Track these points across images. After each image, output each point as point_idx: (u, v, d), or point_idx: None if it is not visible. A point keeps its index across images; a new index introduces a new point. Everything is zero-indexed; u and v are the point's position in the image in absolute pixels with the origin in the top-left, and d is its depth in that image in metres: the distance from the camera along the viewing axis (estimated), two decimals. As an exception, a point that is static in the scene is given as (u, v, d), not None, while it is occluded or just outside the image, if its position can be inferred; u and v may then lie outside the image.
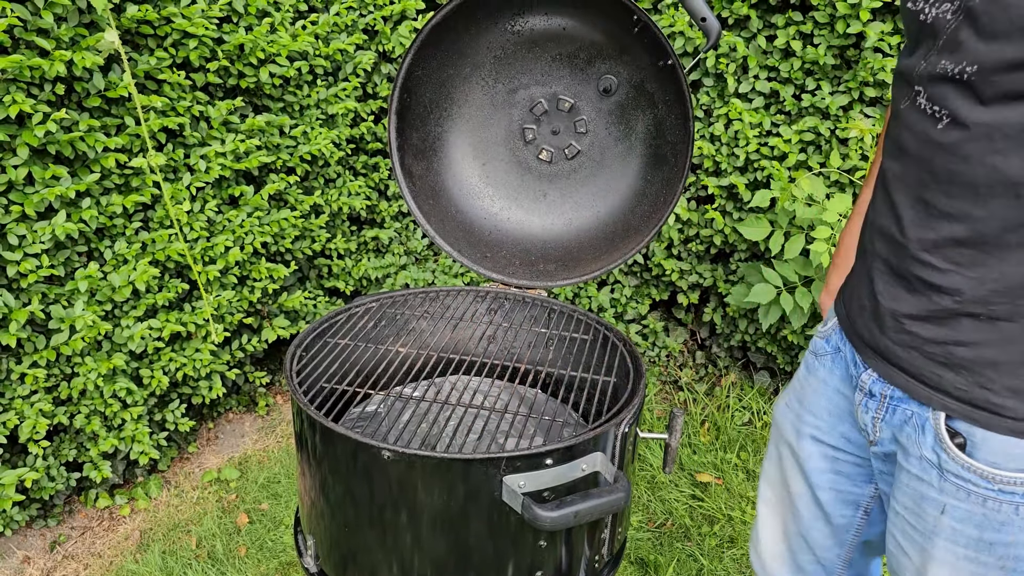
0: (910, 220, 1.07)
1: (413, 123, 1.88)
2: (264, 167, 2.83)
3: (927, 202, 1.04)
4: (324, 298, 3.28)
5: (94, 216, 2.28)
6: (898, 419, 1.16)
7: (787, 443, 1.42)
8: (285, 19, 2.70)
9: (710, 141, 2.99)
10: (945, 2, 0.97)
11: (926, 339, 1.08)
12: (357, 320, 1.69)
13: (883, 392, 1.18)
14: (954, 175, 0.99)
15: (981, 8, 0.92)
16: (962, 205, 0.99)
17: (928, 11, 1.01)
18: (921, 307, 1.08)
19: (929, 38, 1.01)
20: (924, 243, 1.05)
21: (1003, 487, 1.04)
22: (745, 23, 2.85)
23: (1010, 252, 0.97)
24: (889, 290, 1.12)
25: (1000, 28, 0.90)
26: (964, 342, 1.04)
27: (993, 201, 0.96)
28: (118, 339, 2.47)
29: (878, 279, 1.15)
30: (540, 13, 1.80)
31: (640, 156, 1.87)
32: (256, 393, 3.32)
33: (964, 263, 1.01)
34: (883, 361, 1.16)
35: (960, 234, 1.01)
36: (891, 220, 1.11)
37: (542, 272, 1.88)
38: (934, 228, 1.04)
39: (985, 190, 0.96)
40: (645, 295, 3.40)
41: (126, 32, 2.30)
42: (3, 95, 2.01)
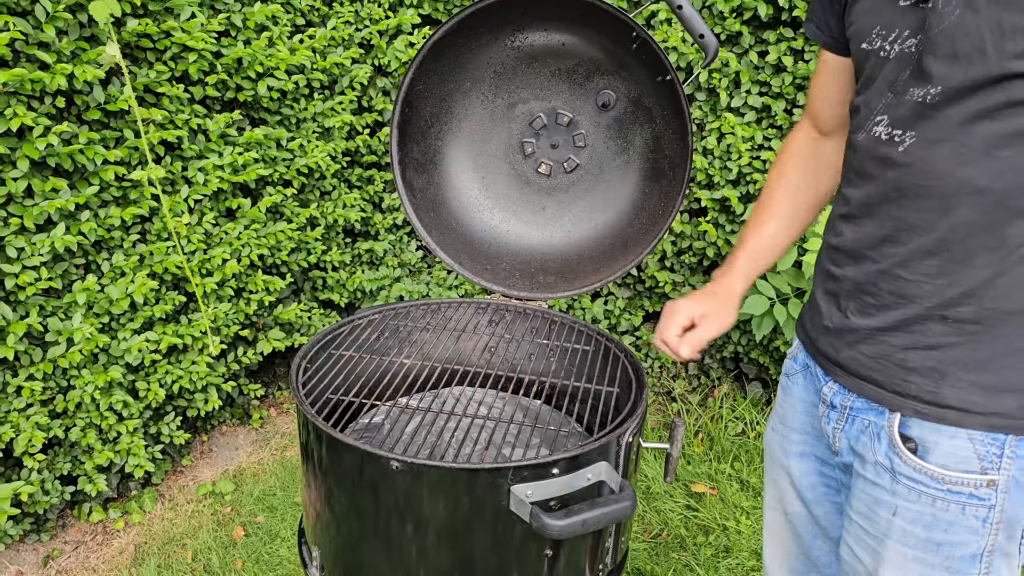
0: (880, 239, 1.15)
1: (414, 136, 1.90)
2: (261, 180, 2.84)
3: (895, 218, 1.13)
4: (319, 310, 3.28)
5: (93, 228, 2.28)
6: (856, 429, 1.23)
7: (780, 465, 1.46)
8: (283, 33, 2.72)
9: (703, 154, 3.02)
10: (908, 38, 1.08)
11: (897, 347, 1.15)
12: (360, 332, 1.70)
13: (844, 403, 1.25)
14: (923, 190, 1.08)
15: (943, 35, 1.02)
16: (931, 217, 1.08)
17: (888, 48, 1.11)
18: (891, 319, 1.15)
19: (892, 71, 1.11)
20: (895, 258, 1.13)
21: (951, 487, 1.11)
22: (737, 39, 2.89)
23: (975, 256, 1.06)
24: (859, 308, 1.20)
25: (961, 51, 1.00)
26: (934, 346, 1.12)
27: (959, 209, 1.05)
28: (115, 351, 2.47)
29: (845, 300, 1.23)
30: (540, 29, 1.82)
31: (638, 170, 1.90)
32: (250, 406, 3.32)
33: (932, 272, 1.10)
34: (850, 375, 1.23)
35: (929, 245, 1.09)
36: (860, 243, 1.19)
37: (542, 284, 1.90)
38: (904, 243, 1.12)
39: (953, 200, 1.05)
40: (638, 307, 3.42)
41: (126, 46, 2.31)
42: (4, 108, 2.02)
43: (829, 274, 1.28)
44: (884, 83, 1.13)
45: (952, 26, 1.01)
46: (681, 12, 1.69)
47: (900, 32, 1.10)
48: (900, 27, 1.10)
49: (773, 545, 1.54)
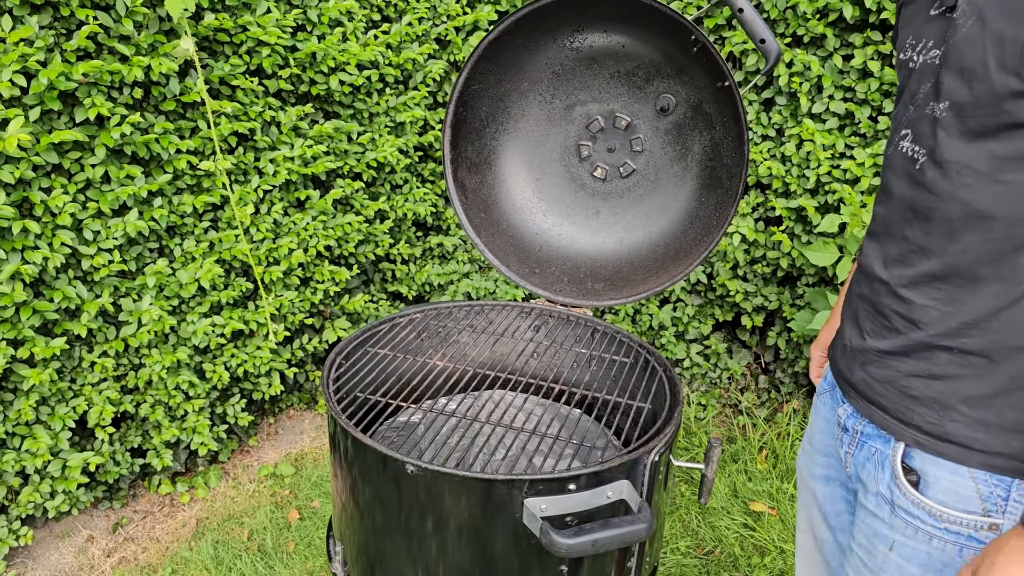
0: (892, 258, 1.13)
1: (468, 136, 1.89)
2: (331, 172, 2.89)
3: (907, 239, 1.09)
4: (386, 302, 3.33)
5: (165, 215, 2.37)
6: (863, 456, 1.20)
7: (808, 488, 1.43)
8: (357, 29, 2.76)
9: (780, 161, 2.91)
10: (932, 49, 1.04)
11: (903, 373, 1.12)
12: (400, 331, 1.71)
13: (855, 427, 1.23)
14: (931, 211, 1.05)
15: (955, 48, 0.99)
16: (939, 240, 1.05)
17: (916, 58, 1.08)
18: (899, 343, 1.12)
19: (916, 83, 1.08)
20: (903, 279, 1.10)
21: (949, 526, 1.07)
22: (821, 42, 2.77)
23: (982, 285, 1.02)
24: (872, 328, 1.17)
25: (967, 65, 0.97)
26: (938, 376, 1.08)
27: (966, 235, 1.01)
28: (183, 333, 2.56)
29: (862, 319, 1.20)
30: (599, 30, 1.78)
31: (695, 177, 1.84)
32: (316, 392, 3.39)
33: (940, 297, 1.06)
34: (861, 398, 1.20)
35: (936, 269, 1.06)
36: (875, 260, 1.17)
37: (590, 291, 1.87)
38: (913, 264, 1.09)
39: (959, 224, 1.02)
40: (708, 315, 3.33)
41: (203, 39, 2.38)
42: (84, 98, 2.11)
43: (852, 292, 1.25)
44: (908, 95, 1.10)
45: (963, 38, 0.97)
46: (742, 15, 1.63)
47: (927, 42, 1.06)
48: (927, 36, 1.06)
49: (804, 569, 1.50)
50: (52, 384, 2.31)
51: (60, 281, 2.24)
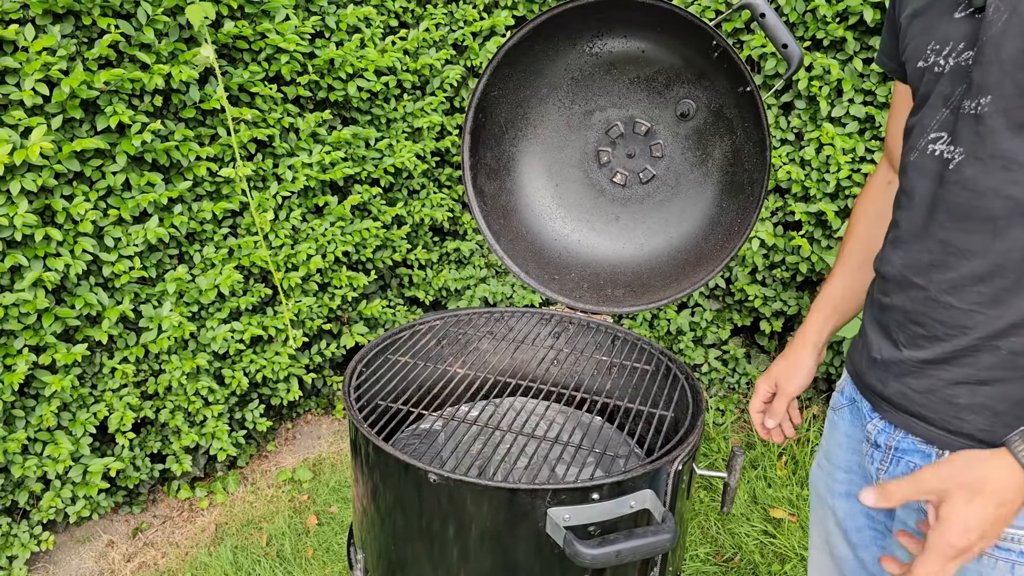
0: (928, 263, 1.09)
1: (487, 142, 1.88)
2: (349, 178, 2.90)
3: (945, 242, 1.06)
4: (403, 307, 3.33)
5: (185, 221, 2.38)
6: (900, 471, 1.16)
7: (826, 504, 1.41)
8: (375, 35, 2.76)
9: (800, 165, 2.89)
10: (964, 51, 1.02)
11: (948, 382, 1.08)
12: (420, 338, 1.70)
13: (888, 443, 1.19)
14: (972, 211, 1.02)
15: (990, 43, 0.97)
16: (982, 240, 1.02)
17: (943, 63, 1.06)
18: (942, 350, 1.08)
19: (947, 87, 1.06)
20: (943, 284, 1.07)
21: (1000, 543, 1.03)
22: (841, 45, 2.75)
23: None
24: (907, 339, 1.13)
25: (1007, 57, 0.95)
26: (986, 380, 1.04)
27: (1012, 232, 0.99)
28: (203, 339, 2.57)
29: (894, 329, 1.16)
30: (619, 36, 1.77)
31: (716, 183, 1.82)
32: (335, 397, 3.40)
33: (984, 300, 1.03)
34: (898, 411, 1.16)
35: (980, 270, 1.03)
36: (906, 268, 1.13)
37: (609, 297, 1.86)
38: (953, 268, 1.05)
39: (1004, 222, 0.99)
40: (727, 320, 3.31)
41: (222, 47, 2.40)
42: (106, 106, 2.13)
43: (878, 304, 1.22)
44: (938, 99, 1.07)
45: (1000, 32, 0.96)
46: (764, 20, 1.62)
47: (955, 45, 1.04)
48: (955, 39, 1.04)
49: None
50: (73, 390, 2.33)
51: (81, 288, 2.25)
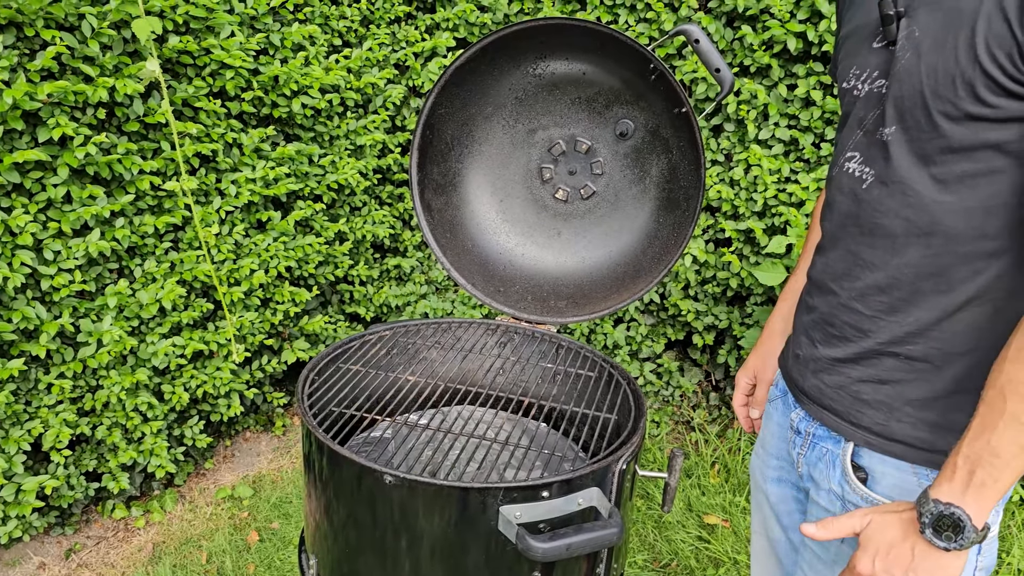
0: (841, 271, 1.21)
1: (434, 159, 1.94)
2: (292, 194, 2.92)
3: (855, 254, 1.18)
4: (344, 323, 3.34)
5: (127, 235, 2.37)
6: (815, 456, 1.28)
7: (760, 490, 1.51)
8: (320, 53, 2.80)
9: (729, 185, 3.03)
10: (878, 78, 1.13)
11: (853, 379, 1.20)
12: (370, 347, 1.74)
13: (807, 429, 1.30)
14: (876, 228, 1.13)
15: (896, 78, 1.08)
16: (883, 255, 1.13)
17: (860, 87, 1.17)
18: (849, 351, 1.20)
19: (863, 110, 1.16)
20: (852, 292, 1.19)
21: None
22: (767, 72, 2.90)
23: (923, 297, 1.10)
24: (823, 338, 1.25)
25: (907, 94, 1.06)
26: (887, 380, 1.16)
27: (908, 250, 1.10)
28: (143, 354, 2.55)
29: (813, 330, 1.28)
30: (561, 58, 1.86)
31: (653, 199, 1.92)
32: (274, 413, 3.38)
33: (885, 308, 1.14)
34: (813, 403, 1.28)
35: (881, 281, 1.14)
36: (824, 274, 1.25)
37: (553, 308, 1.93)
38: (860, 278, 1.17)
39: (902, 240, 1.10)
40: (661, 334, 3.42)
41: (167, 61, 2.40)
42: (48, 118, 2.11)
43: (804, 304, 1.34)
44: (855, 121, 1.18)
45: (902, 69, 1.06)
46: (699, 46, 1.72)
47: (871, 72, 1.15)
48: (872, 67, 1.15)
49: (758, 570, 1.57)
50: (7, 407, 2.28)
51: (18, 301, 2.22)
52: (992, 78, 0.97)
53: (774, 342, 1.57)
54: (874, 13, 1.15)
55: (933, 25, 1.03)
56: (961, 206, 1.04)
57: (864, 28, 1.19)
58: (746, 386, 1.62)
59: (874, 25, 1.15)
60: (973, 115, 1.00)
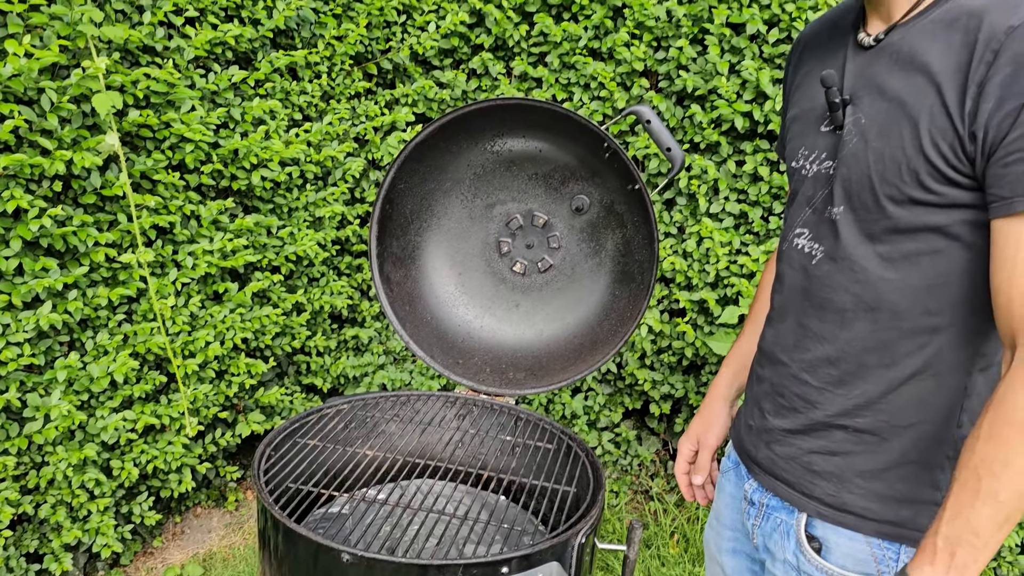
0: (791, 344, 1.25)
1: (394, 232, 1.97)
2: (250, 265, 2.91)
3: (804, 327, 1.22)
4: (301, 394, 3.30)
5: (79, 307, 2.33)
6: (770, 526, 1.30)
7: (716, 561, 1.51)
8: (280, 127, 2.84)
9: (682, 257, 3.10)
10: (826, 160, 1.19)
11: (804, 450, 1.23)
12: (328, 421, 1.73)
13: (761, 500, 1.32)
14: (825, 302, 1.18)
15: (843, 161, 1.14)
16: (832, 329, 1.18)
17: (808, 167, 1.23)
18: (800, 422, 1.23)
19: (811, 189, 1.22)
20: (802, 363, 1.22)
21: None
22: (716, 148, 3.01)
23: (870, 371, 1.14)
24: (774, 409, 1.28)
25: (854, 177, 1.12)
26: (836, 452, 1.19)
27: (855, 325, 1.15)
28: (91, 429, 2.48)
29: (764, 400, 1.31)
30: (518, 136, 1.92)
31: (609, 272, 1.96)
32: (226, 488, 3.30)
33: (833, 380, 1.18)
34: (767, 474, 1.30)
35: (830, 354, 1.18)
36: (775, 346, 1.29)
37: (512, 380, 1.94)
38: (810, 349, 1.21)
39: (850, 315, 1.15)
40: (618, 403, 3.45)
41: (126, 135, 2.41)
42: (2, 190, 2.10)
43: (755, 375, 1.37)
44: (804, 199, 1.24)
45: (850, 153, 1.13)
46: (650, 126, 1.79)
47: (819, 154, 1.21)
48: (820, 149, 1.21)
49: None
50: (-53, 485, 2.20)
51: (-37, 376, 2.16)
52: (935, 167, 1.03)
53: (716, 407, 1.59)
54: (821, 99, 1.21)
55: (878, 114, 1.10)
56: (905, 283, 1.09)
57: (812, 112, 1.25)
58: (688, 453, 1.62)
59: (821, 110, 1.22)
60: (917, 200, 1.05)
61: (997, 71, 0.97)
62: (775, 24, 2.90)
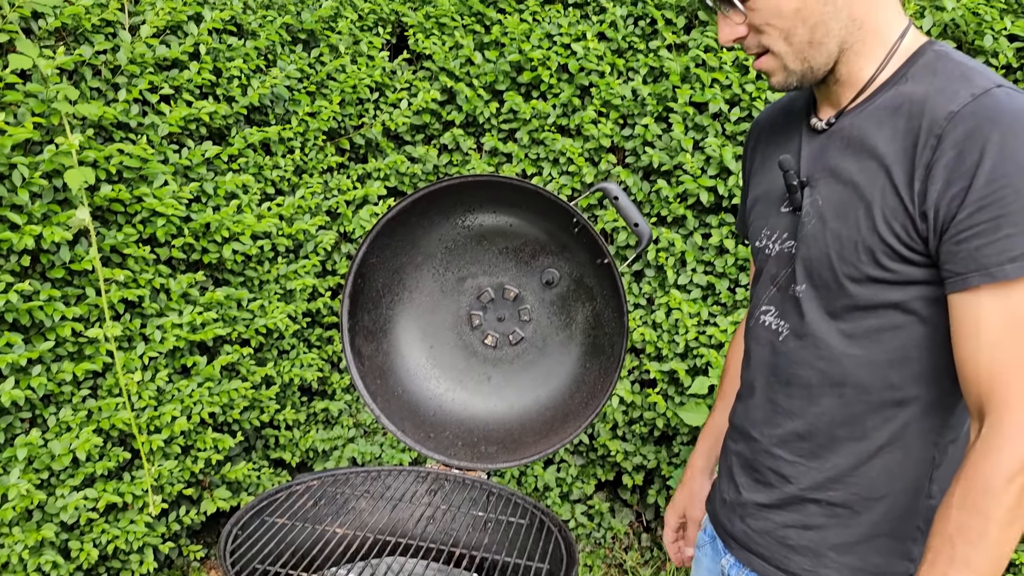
0: (762, 419, 1.27)
1: (365, 306, 1.98)
2: (219, 338, 2.89)
3: (774, 402, 1.24)
4: (269, 470, 3.24)
5: (43, 383, 2.29)
6: None
7: None
8: (252, 201, 2.86)
9: (652, 328, 3.14)
10: (788, 240, 1.23)
11: (779, 524, 1.24)
12: (297, 499, 1.70)
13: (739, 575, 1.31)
14: (793, 377, 1.20)
15: (803, 241, 1.18)
16: (800, 404, 1.20)
17: (771, 247, 1.27)
18: (774, 496, 1.24)
19: (775, 268, 1.26)
20: (773, 438, 1.24)
21: None
22: (682, 222, 3.08)
23: (840, 444, 1.16)
24: (748, 483, 1.30)
25: (814, 256, 1.16)
26: (810, 526, 1.20)
27: (823, 400, 1.17)
28: (51, 509, 2.41)
29: (739, 474, 1.33)
30: (489, 211, 1.95)
31: (580, 345, 1.98)
32: (189, 568, 3.20)
33: (805, 455, 1.20)
34: (743, 548, 1.30)
35: (800, 429, 1.20)
36: (746, 421, 1.31)
37: (483, 454, 1.93)
38: (780, 424, 1.23)
39: (817, 390, 1.17)
40: (591, 475, 3.42)
41: (97, 209, 2.42)
42: (-31, 265, 2.08)
43: (728, 449, 1.38)
44: (768, 277, 1.28)
45: (809, 234, 1.17)
46: (618, 202, 1.84)
47: (781, 234, 1.25)
48: (781, 229, 1.26)
49: None
50: None
51: (-81, 455, 2.10)
52: (890, 246, 1.07)
53: (696, 481, 1.61)
54: (779, 181, 1.26)
55: (834, 196, 1.14)
56: (868, 359, 1.12)
57: (771, 193, 1.30)
58: (675, 523, 1.64)
59: (780, 191, 1.27)
60: (875, 278, 1.09)
61: (942, 154, 1.02)
62: (736, 103, 3.00)
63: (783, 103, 1.38)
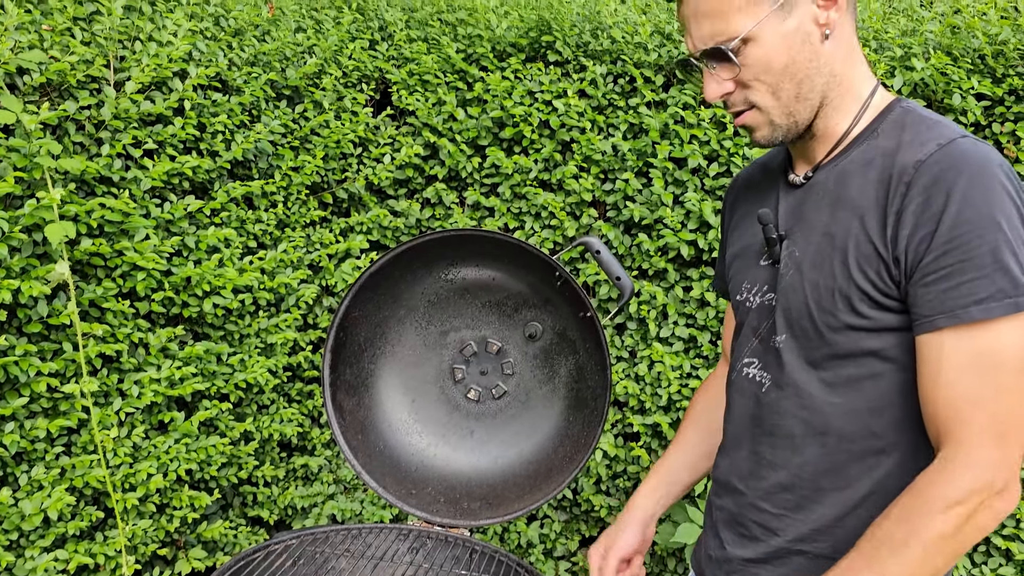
0: (746, 472, 1.27)
1: (347, 359, 1.96)
2: (197, 393, 2.85)
3: (759, 454, 1.25)
4: (246, 528, 3.17)
5: (15, 440, 2.25)
6: None
7: None
8: (234, 254, 2.85)
9: (635, 380, 3.13)
10: (768, 292, 1.25)
11: None
12: (275, 559, 1.66)
13: None
14: (776, 428, 1.21)
15: (782, 293, 1.21)
16: (784, 454, 1.20)
17: (752, 299, 1.29)
18: (759, 551, 1.24)
19: (756, 320, 1.28)
20: (758, 491, 1.24)
21: None
22: (663, 275, 3.10)
23: (825, 495, 1.17)
24: (733, 538, 1.29)
25: (793, 307, 1.18)
26: None
27: (807, 450, 1.18)
28: (19, 572, 2.34)
29: (723, 530, 1.32)
30: (471, 265, 1.96)
31: (563, 399, 1.97)
32: (161, 632, 3.10)
33: (790, 506, 1.20)
34: None
35: (785, 480, 1.21)
36: (730, 474, 1.31)
37: (466, 511, 1.90)
38: (765, 477, 1.23)
39: (800, 440, 1.18)
40: (575, 530, 3.38)
41: (77, 263, 2.40)
42: (-56, 320, 2.05)
43: (712, 504, 1.38)
44: (749, 329, 1.29)
45: (788, 285, 1.19)
46: (599, 256, 1.85)
47: (761, 286, 1.28)
48: (761, 282, 1.28)
49: None
50: None
51: None
52: (865, 292, 1.10)
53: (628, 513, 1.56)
54: (758, 235, 1.29)
55: (810, 247, 1.17)
56: (849, 407, 1.14)
57: (751, 248, 1.33)
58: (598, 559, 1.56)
59: (759, 245, 1.29)
60: (853, 325, 1.11)
61: (911, 200, 1.06)
62: (714, 159, 3.05)
63: (761, 161, 1.42)
